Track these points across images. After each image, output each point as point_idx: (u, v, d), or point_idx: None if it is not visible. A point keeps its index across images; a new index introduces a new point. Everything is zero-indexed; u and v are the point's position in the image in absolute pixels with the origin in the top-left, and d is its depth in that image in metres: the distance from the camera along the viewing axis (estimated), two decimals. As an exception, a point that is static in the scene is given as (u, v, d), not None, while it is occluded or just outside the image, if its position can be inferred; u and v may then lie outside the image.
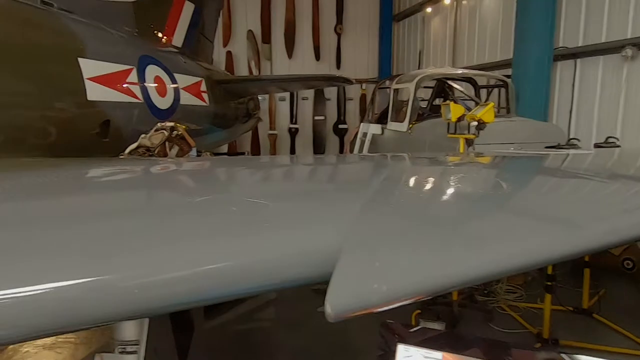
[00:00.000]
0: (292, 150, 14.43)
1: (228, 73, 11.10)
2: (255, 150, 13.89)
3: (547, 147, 5.36)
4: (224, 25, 11.87)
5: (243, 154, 12.76)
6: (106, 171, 2.40)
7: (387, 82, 8.19)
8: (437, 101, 7.09)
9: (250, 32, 13.52)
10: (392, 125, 6.43)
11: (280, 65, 14.14)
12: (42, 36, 4.66)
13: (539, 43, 7.73)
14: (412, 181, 1.70)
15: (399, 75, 8.68)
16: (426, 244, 0.88)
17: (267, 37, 13.77)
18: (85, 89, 4.84)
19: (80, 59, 4.85)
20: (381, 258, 0.83)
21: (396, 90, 6.57)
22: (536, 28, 7.69)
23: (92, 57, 5.02)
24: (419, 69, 12.51)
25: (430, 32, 12.16)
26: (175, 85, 6.47)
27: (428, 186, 1.59)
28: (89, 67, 4.93)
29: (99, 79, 5.06)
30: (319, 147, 14.62)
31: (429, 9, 12.03)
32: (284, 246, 0.89)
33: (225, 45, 13.19)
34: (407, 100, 6.24)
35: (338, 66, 14.43)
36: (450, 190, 1.51)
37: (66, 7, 5.44)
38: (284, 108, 14.28)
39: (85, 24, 5.35)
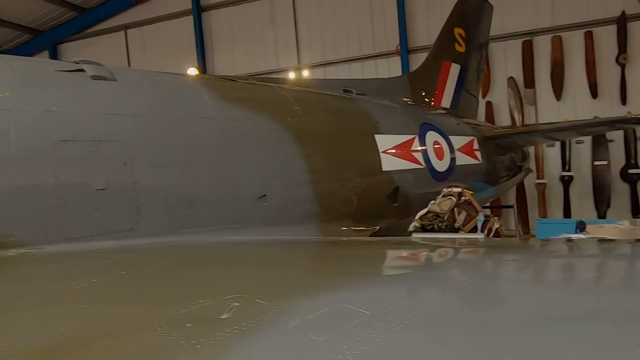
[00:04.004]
0: (566, 202, 12.66)
1: (492, 125, 10.80)
2: (522, 201, 12.81)
3: None
4: (483, 77, 11.75)
5: (511, 207, 11.94)
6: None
7: None
8: None
9: (511, 79, 12.93)
10: None
11: (547, 109, 12.89)
12: (349, 120, 5.57)
13: None
14: None
15: None
16: None
17: (530, 82, 12.87)
18: (380, 162, 5.47)
19: (376, 136, 5.55)
20: None
21: None
22: None
23: (384, 132, 5.68)
24: None
25: None
26: (451, 147, 6.65)
27: None
28: (383, 142, 5.58)
29: (390, 151, 5.65)
30: (601, 197, 12.38)
31: None
32: None
33: (484, 96, 12.96)
34: None
35: (623, 102, 12.14)
36: None
37: (361, 91, 6.41)
38: (553, 154, 12.81)
39: (377, 104, 6.14)
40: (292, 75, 13.37)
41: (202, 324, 1.37)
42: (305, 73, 13.64)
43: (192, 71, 12.67)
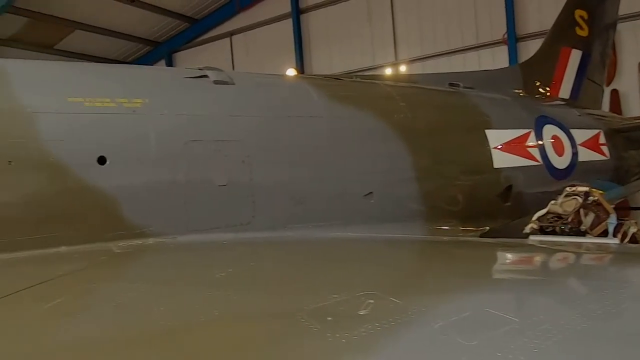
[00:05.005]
0: None
1: (620, 116, 9.60)
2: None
3: None
4: (609, 62, 10.48)
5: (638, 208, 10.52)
6: None
7: None
8: None
9: (642, 63, 11.41)
10: None
11: (694, 95, 11.17)
12: (457, 115, 5.33)
13: None
14: None
15: None
16: None
17: (667, 65, 11.24)
18: (491, 158, 5.15)
19: (487, 131, 5.23)
20: None
21: None
22: None
23: (496, 127, 5.34)
24: None
25: None
26: (572, 142, 6.04)
27: None
28: (494, 137, 5.24)
29: (503, 147, 5.29)
30: None
31: None
32: None
33: (609, 83, 11.58)
34: None
35: None
36: None
37: (468, 85, 6.09)
38: (696, 148, 11.07)
39: (487, 97, 5.79)
40: (389, 71, 13.20)
41: (342, 318, 1.39)
42: (403, 68, 13.38)
43: (291, 72, 13.13)
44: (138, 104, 3.27)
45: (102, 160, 3.04)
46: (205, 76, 3.78)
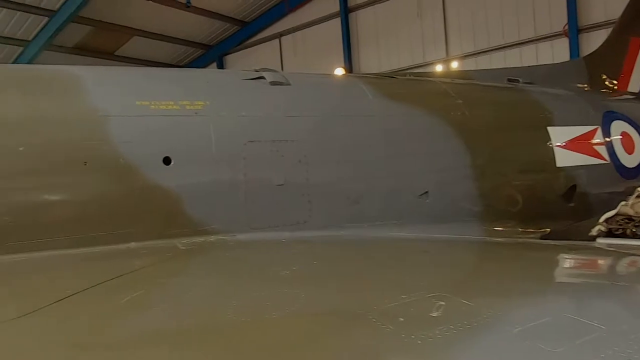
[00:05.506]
0: None
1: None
2: None
3: None
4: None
5: None
6: None
7: None
8: None
9: None
10: None
11: None
12: (516, 112, 5.11)
13: None
14: None
15: None
16: None
17: None
18: (554, 157, 4.91)
19: (549, 128, 4.99)
20: None
21: None
22: None
23: (559, 123, 5.08)
24: None
25: None
26: (644, 139, 5.64)
27: None
28: (557, 134, 4.99)
29: (566, 144, 5.03)
30: None
31: None
32: None
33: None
34: None
35: None
36: None
37: (528, 80, 5.83)
38: None
39: (549, 93, 5.51)
40: (439, 68, 12.90)
41: (414, 320, 1.38)
42: (455, 65, 13.02)
43: (339, 71, 13.14)
44: (199, 106, 3.38)
45: (167, 161, 3.17)
46: (262, 77, 3.85)
